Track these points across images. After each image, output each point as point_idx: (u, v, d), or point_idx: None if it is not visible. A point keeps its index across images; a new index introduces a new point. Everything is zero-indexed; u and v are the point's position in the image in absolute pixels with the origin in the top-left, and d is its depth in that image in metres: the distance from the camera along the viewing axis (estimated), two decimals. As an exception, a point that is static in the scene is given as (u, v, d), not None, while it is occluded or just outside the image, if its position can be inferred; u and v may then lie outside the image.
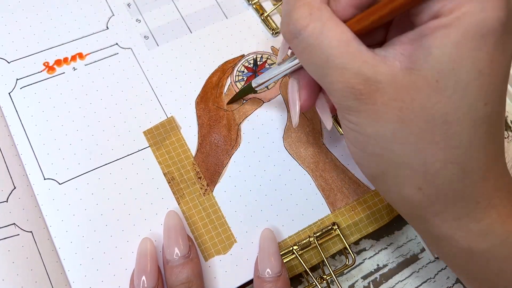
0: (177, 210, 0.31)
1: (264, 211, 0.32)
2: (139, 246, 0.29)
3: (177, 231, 0.29)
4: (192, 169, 0.33)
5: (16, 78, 0.34)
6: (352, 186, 0.33)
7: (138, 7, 0.38)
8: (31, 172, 0.31)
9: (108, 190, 0.31)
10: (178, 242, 0.29)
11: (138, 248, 0.29)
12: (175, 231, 0.29)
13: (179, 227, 0.30)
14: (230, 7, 0.39)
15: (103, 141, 0.33)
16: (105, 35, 0.36)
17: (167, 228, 0.30)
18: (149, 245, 0.29)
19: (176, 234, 0.29)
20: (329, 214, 0.33)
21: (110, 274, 0.29)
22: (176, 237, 0.29)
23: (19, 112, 0.33)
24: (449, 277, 0.34)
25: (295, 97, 0.29)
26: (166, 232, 0.29)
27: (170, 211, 0.31)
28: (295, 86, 0.29)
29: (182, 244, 0.29)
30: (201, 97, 0.35)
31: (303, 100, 0.29)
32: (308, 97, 0.29)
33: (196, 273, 0.29)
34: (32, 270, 0.30)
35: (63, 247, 0.30)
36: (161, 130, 0.34)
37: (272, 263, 0.29)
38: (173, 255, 0.29)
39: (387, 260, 0.34)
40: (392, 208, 0.33)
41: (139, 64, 0.36)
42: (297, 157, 0.34)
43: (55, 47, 0.35)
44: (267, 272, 0.29)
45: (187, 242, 0.29)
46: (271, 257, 0.29)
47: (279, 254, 0.30)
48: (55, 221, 0.30)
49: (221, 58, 0.37)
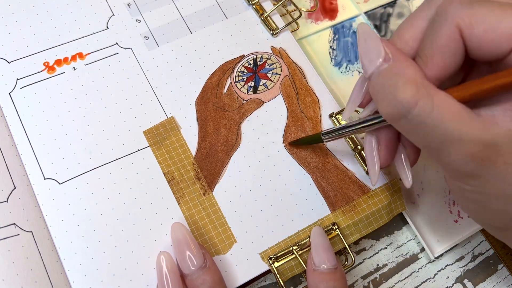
0: (177, 210, 0.31)
1: (264, 211, 0.32)
2: (157, 261, 0.29)
3: (188, 243, 0.29)
4: (192, 169, 0.33)
5: (16, 78, 0.34)
6: (352, 186, 0.33)
7: (138, 7, 0.38)
8: (31, 172, 0.31)
9: (108, 190, 0.31)
10: (191, 254, 0.28)
11: (156, 264, 0.29)
12: (186, 243, 0.29)
13: (189, 238, 0.29)
14: (230, 7, 0.39)
15: (103, 141, 0.33)
16: (105, 35, 0.36)
17: (176, 242, 0.29)
18: (166, 260, 0.28)
19: (188, 246, 0.28)
20: (329, 214, 0.33)
21: (110, 274, 0.29)
22: (188, 249, 0.28)
23: (19, 112, 0.33)
24: (448, 277, 0.34)
25: (374, 156, 0.28)
26: (177, 246, 0.29)
27: (175, 223, 0.30)
28: (373, 144, 0.28)
29: (196, 255, 0.28)
30: (201, 97, 0.35)
31: (383, 159, 0.28)
32: (388, 156, 0.28)
33: (217, 279, 0.28)
34: (32, 270, 0.29)
35: (63, 247, 0.30)
36: (161, 130, 0.34)
37: (329, 256, 0.29)
38: (190, 268, 0.28)
39: (387, 260, 0.34)
40: (392, 208, 0.33)
41: (139, 64, 0.36)
42: (297, 157, 0.34)
43: (55, 47, 0.35)
44: (324, 265, 0.29)
45: (200, 252, 0.28)
46: (327, 251, 0.30)
47: (332, 249, 0.30)
48: (55, 221, 0.30)
49: (221, 59, 0.37)
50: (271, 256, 0.31)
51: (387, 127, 0.28)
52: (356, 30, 0.41)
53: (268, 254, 0.31)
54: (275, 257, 0.31)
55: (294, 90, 0.36)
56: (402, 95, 0.23)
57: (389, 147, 0.28)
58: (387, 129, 0.28)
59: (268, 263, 0.31)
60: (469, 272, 0.35)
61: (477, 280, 0.34)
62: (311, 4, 0.42)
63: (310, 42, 0.41)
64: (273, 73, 0.37)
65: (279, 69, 0.37)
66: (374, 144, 0.28)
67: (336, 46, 0.41)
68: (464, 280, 0.34)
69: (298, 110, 0.35)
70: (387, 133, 0.28)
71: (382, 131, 0.28)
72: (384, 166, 0.29)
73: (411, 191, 0.35)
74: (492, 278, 0.35)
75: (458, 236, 0.35)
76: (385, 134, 0.28)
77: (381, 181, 0.34)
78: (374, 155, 0.28)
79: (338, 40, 0.41)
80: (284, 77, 0.36)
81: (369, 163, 0.29)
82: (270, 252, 0.31)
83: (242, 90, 0.36)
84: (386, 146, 0.28)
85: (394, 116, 0.24)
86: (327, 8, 0.42)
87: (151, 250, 0.30)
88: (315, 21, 0.41)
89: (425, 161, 0.36)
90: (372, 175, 0.29)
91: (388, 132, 0.28)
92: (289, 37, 0.38)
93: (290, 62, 0.37)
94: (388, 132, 0.28)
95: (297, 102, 0.36)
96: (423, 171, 0.36)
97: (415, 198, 0.35)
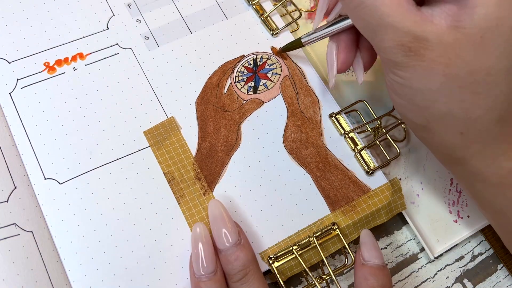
0: (177, 210, 0.31)
1: (264, 211, 0.32)
2: (193, 231, 0.30)
3: (224, 219, 0.30)
4: (192, 169, 0.33)
5: (17, 78, 0.34)
6: (352, 186, 0.33)
7: (139, 8, 0.38)
8: (31, 172, 0.31)
9: (108, 190, 0.31)
10: (227, 230, 0.29)
11: (192, 234, 0.30)
12: (222, 220, 0.30)
13: (225, 214, 0.30)
14: (230, 7, 0.39)
15: (103, 141, 0.33)
16: (106, 35, 0.36)
17: (213, 218, 0.30)
18: (202, 231, 0.30)
19: (224, 223, 0.29)
20: (329, 214, 0.33)
21: (110, 274, 0.29)
22: (224, 225, 0.29)
23: (20, 112, 0.33)
24: (448, 277, 0.34)
25: (333, 59, 0.32)
26: (213, 222, 0.30)
27: (213, 200, 0.31)
28: (333, 49, 0.32)
29: (231, 231, 0.29)
30: (201, 97, 0.35)
31: (341, 62, 0.31)
32: (346, 59, 0.31)
33: (251, 257, 0.29)
34: (32, 270, 0.30)
35: (63, 246, 0.30)
36: (161, 130, 0.34)
37: (378, 254, 0.30)
38: (225, 244, 0.29)
39: (387, 260, 0.34)
40: (392, 208, 0.33)
41: (139, 64, 0.36)
42: (297, 157, 0.34)
43: (55, 47, 0.35)
44: (375, 260, 0.30)
45: (236, 229, 0.29)
46: (377, 249, 0.30)
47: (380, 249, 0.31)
48: (56, 220, 0.30)
49: (221, 59, 0.37)
50: (271, 256, 0.31)
51: (346, 32, 0.31)
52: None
53: (268, 254, 0.31)
54: (275, 257, 0.31)
55: (294, 90, 0.36)
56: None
57: (347, 50, 0.31)
58: (347, 34, 0.31)
59: (268, 263, 0.31)
60: (468, 272, 0.35)
61: (477, 280, 0.34)
62: (311, 4, 0.42)
63: (310, 42, 0.41)
64: (273, 73, 0.37)
65: (279, 69, 0.37)
66: (334, 49, 0.32)
67: (336, 46, 0.41)
68: (464, 280, 0.34)
69: (298, 110, 0.35)
70: (346, 38, 0.31)
71: (342, 36, 0.31)
72: (342, 69, 0.32)
73: (411, 191, 0.36)
74: (492, 278, 0.35)
75: (458, 236, 0.35)
76: (345, 38, 0.31)
77: (381, 181, 0.34)
78: (334, 59, 0.32)
79: (338, 40, 0.41)
80: (284, 77, 0.37)
81: (328, 66, 0.32)
82: (270, 252, 0.31)
83: (242, 90, 0.36)
84: (345, 48, 0.31)
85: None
86: (327, 8, 0.42)
87: (151, 250, 0.30)
88: (315, 21, 0.41)
89: (425, 161, 0.37)
90: (330, 78, 0.32)
91: (348, 38, 0.31)
92: (289, 37, 0.38)
93: (290, 62, 0.37)
94: (348, 37, 0.31)
95: (297, 102, 0.36)
96: (423, 171, 0.36)
97: (415, 198, 0.35)
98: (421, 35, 0.25)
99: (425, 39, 0.25)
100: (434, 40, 0.25)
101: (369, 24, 0.26)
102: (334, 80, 0.32)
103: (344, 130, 0.35)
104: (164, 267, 0.30)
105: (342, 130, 0.35)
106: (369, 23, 0.26)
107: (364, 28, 0.27)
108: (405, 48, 0.25)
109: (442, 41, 0.25)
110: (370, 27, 0.26)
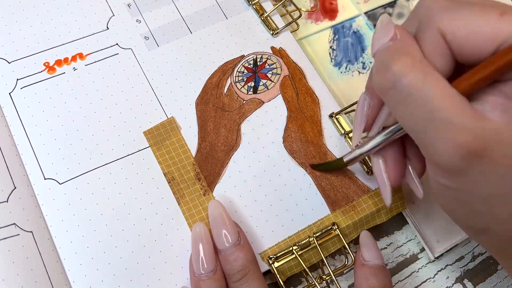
0: (177, 210, 0.31)
1: (264, 211, 0.32)
2: (193, 231, 0.30)
3: (224, 219, 0.30)
4: (192, 169, 0.33)
5: (17, 78, 0.34)
6: (352, 186, 0.33)
7: (138, 8, 0.38)
8: (31, 172, 0.31)
9: (108, 190, 0.31)
10: (226, 231, 0.29)
11: (192, 234, 0.30)
12: (222, 219, 0.30)
13: (225, 215, 0.30)
14: (230, 7, 0.39)
15: (103, 141, 0.33)
16: (106, 35, 0.36)
17: (212, 218, 0.30)
18: (202, 230, 0.30)
19: (224, 223, 0.29)
20: (329, 214, 0.33)
21: (110, 274, 0.29)
22: (224, 225, 0.29)
23: (20, 112, 0.33)
24: (448, 277, 0.34)
25: (384, 177, 0.29)
26: (213, 222, 0.30)
27: (213, 200, 0.31)
28: (380, 165, 0.29)
29: (231, 232, 0.29)
30: (201, 97, 0.35)
31: (394, 180, 0.28)
32: (398, 173, 0.28)
33: (250, 258, 0.29)
34: (32, 270, 0.30)
35: (63, 247, 0.30)
36: (161, 130, 0.34)
37: (378, 254, 0.30)
38: (224, 244, 0.29)
39: (387, 260, 0.34)
40: (392, 208, 0.33)
41: (139, 64, 0.36)
42: (297, 157, 0.34)
43: (55, 47, 0.35)
44: (375, 260, 0.30)
45: (235, 229, 0.30)
46: (377, 250, 0.30)
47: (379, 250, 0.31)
48: (55, 221, 0.30)
49: (221, 59, 0.37)
50: (271, 256, 0.31)
51: (392, 145, 0.28)
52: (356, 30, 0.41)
53: (268, 254, 0.31)
54: (275, 257, 0.31)
55: (294, 90, 0.36)
56: (395, 66, 0.22)
57: (397, 164, 0.28)
58: (393, 147, 0.28)
59: (268, 263, 0.31)
60: (469, 272, 0.35)
61: (477, 280, 0.34)
62: (311, 4, 0.42)
63: (310, 42, 0.41)
64: (273, 73, 0.37)
65: (279, 69, 0.37)
66: (381, 164, 0.29)
67: (336, 46, 0.41)
68: (464, 280, 0.34)
69: (298, 110, 0.35)
70: (393, 151, 0.28)
71: (388, 150, 0.28)
72: (395, 184, 0.29)
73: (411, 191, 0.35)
74: (492, 278, 0.35)
75: (458, 236, 0.35)
76: (391, 152, 0.28)
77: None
78: (384, 176, 0.29)
79: (338, 40, 0.41)
80: (284, 77, 0.37)
81: (380, 185, 0.29)
82: (270, 252, 0.31)
83: (242, 90, 0.36)
84: (394, 163, 0.28)
85: (384, 85, 0.23)
86: (327, 8, 0.42)
87: (151, 250, 0.30)
88: (315, 21, 0.41)
89: (425, 161, 0.36)
90: (385, 197, 0.29)
91: (394, 150, 0.28)
92: (289, 37, 0.38)
93: (290, 62, 0.37)
94: (394, 149, 0.28)
95: (297, 102, 0.36)
96: (423, 171, 0.36)
97: (415, 198, 0.35)
98: (479, 133, 0.21)
99: (484, 137, 0.21)
100: (493, 138, 0.21)
101: (418, 121, 0.22)
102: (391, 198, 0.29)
103: (344, 130, 0.35)
104: (164, 267, 0.30)
105: (342, 130, 0.35)
106: (418, 119, 0.22)
107: (412, 127, 0.23)
108: (464, 151, 0.21)
109: (503, 140, 0.21)
110: (420, 124, 0.22)
